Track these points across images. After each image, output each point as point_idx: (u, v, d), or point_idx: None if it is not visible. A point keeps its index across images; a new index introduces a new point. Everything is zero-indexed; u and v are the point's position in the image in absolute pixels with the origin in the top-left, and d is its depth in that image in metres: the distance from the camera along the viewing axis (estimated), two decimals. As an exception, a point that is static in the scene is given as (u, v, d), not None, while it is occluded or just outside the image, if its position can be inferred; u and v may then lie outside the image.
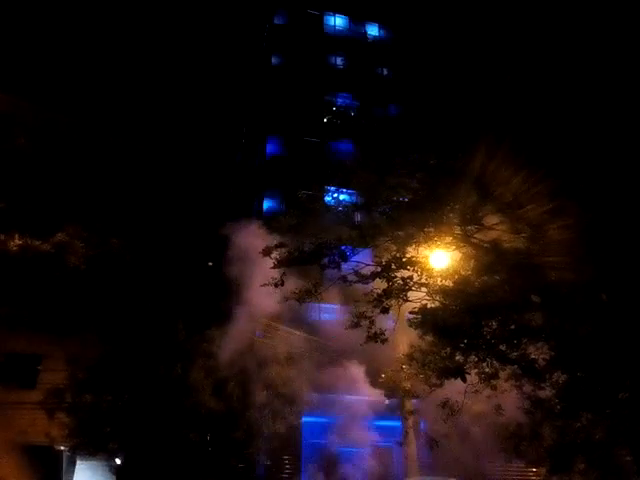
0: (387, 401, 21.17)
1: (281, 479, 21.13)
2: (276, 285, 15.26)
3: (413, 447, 18.67)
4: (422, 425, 19.45)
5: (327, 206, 15.62)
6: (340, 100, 31.65)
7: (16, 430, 16.09)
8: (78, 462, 18.20)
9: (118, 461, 17.59)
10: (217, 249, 35.91)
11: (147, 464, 16.16)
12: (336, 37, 34.11)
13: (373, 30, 35.66)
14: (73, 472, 18.02)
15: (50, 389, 16.44)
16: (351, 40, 34.20)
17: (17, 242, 15.06)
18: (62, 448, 17.73)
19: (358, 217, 15.02)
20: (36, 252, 15.15)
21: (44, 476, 17.27)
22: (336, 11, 35.26)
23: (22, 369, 18.01)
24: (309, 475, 22.81)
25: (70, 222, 16.67)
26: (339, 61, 33.23)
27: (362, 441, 25.23)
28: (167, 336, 16.63)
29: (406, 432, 19.02)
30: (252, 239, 27.66)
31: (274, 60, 32.68)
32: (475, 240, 14.20)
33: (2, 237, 14.70)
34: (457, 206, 13.73)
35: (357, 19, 35.47)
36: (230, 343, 17.54)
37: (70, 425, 16.08)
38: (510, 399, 14.59)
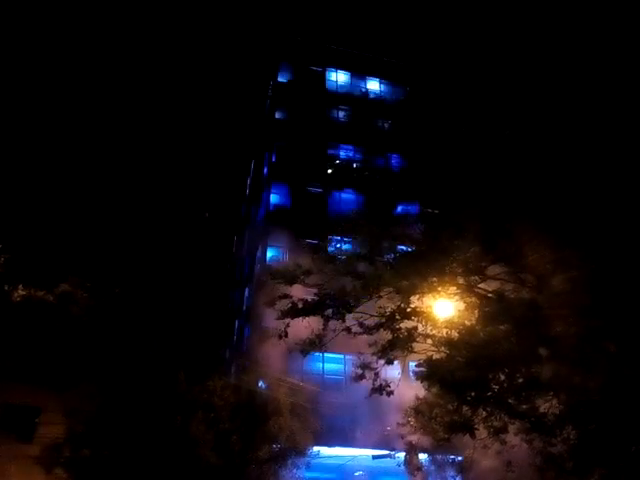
0: (393, 455, 20.55)
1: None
2: (280, 336, 15.17)
3: (420, 505, 17.97)
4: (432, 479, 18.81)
5: (330, 256, 15.67)
6: (343, 152, 32.28)
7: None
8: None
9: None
10: (220, 298, 35.75)
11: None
12: (338, 92, 35.16)
13: (374, 85, 36.78)
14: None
15: (48, 443, 16.08)
16: (352, 95, 35.22)
17: (21, 293, 15.08)
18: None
19: (361, 267, 15.05)
20: (39, 302, 15.14)
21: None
22: (338, 67, 36.48)
23: (20, 421, 17.66)
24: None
25: (73, 273, 16.73)
26: (341, 115, 34.10)
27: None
28: (168, 387, 16.38)
29: (413, 489, 18.36)
30: (256, 290, 27.66)
31: (278, 114, 33.56)
32: (479, 290, 14.18)
33: (6, 287, 14.73)
34: (460, 256, 13.80)
35: (358, 74, 36.67)
36: (232, 395, 17.26)
37: (69, 477, 15.65)
38: (520, 455, 14.17)
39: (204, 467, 15.47)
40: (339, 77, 36.26)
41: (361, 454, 22.83)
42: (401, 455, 19.09)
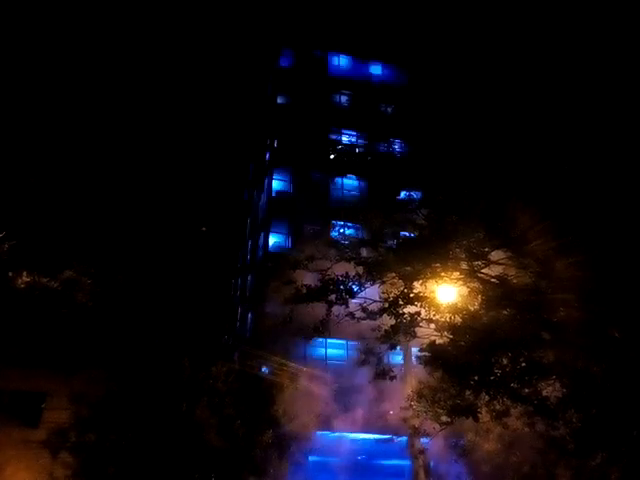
0: (396, 439, 20.71)
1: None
2: (284, 322, 15.24)
3: (423, 488, 18.14)
4: (432, 464, 18.97)
5: (333, 242, 15.67)
6: (345, 137, 32.13)
7: (19, 469, 15.80)
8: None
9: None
10: (223, 284, 35.85)
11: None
12: (340, 76, 34.87)
13: (377, 69, 36.46)
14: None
15: (54, 428, 16.24)
16: (355, 79, 34.95)
17: (25, 279, 15.13)
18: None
19: (364, 253, 15.05)
20: (44, 289, 15.20)
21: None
22: (340, 51, 36.16)
23: (26, 407, 17.79)
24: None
25: (78, 259, 16.76)
26: (344, 99, 33.86)
27: (371, 481, 24.65)
28: (172, 373, 16.49)
29: (416, 472, 18.53)
30: (259, 277, 27.70)
31: (279, 100, 33.35)
32: (482, 275, 14.18)
33: (10, 274, 14.78)
34: (464, 242, 13.77)
35: (361, 58, 36.35)
36: (235, 381, 17.37)
37: (74, 465, 15.80)
38: (522, 438, 14.28)
39: (209, 451, 15.63)
40: (341, 61, 35.95)
41: (364, 438, 23.02)
42: (403, 439, 19.27)
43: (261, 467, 16.81)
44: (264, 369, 19.88)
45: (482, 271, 13.91)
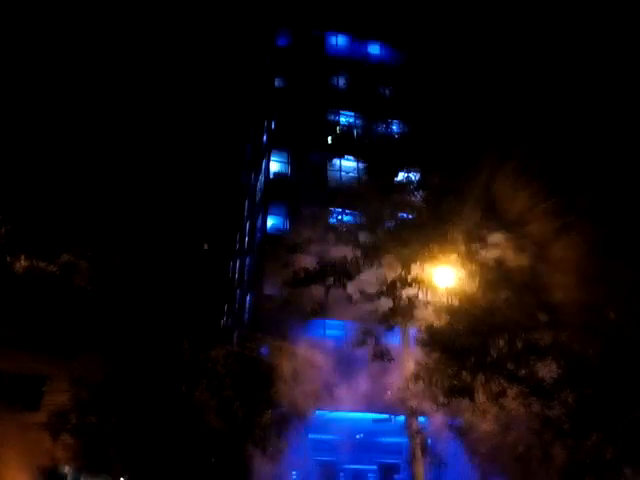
0: (393, 419, 20.95)
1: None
2: (282, 304, 15.30)
3: (420, 465, 18.37)
4: (429, 443, 19.19)
5: (331, 225, 15.65)
6: (343, 118, 31.86)
7: (20, 451, 15.96)
8: (84, 478, 18.02)
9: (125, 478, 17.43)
10: (222, 268, 35.90)
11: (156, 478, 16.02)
12: (338, 57, 34.44)
13: (375, 49, 36.01)
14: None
15: (54, 410, 16.36)
16: (353, 59, 34.54)
17: (23, 264, 15.11)
18: (67, 469, 17.59)
19: (362, 235, 15.04)
20: (42, 273, 15.19)
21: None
22: (338, 30, 35.66)
23: (26, 390, 17.91)
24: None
25: (75, 243, 16.71)
26: (341, 80, 33.50)
27: (369, 459, 24.99)
28: (172, 356, 16.57)
29: (413, 451, 18.75)
30: (257, 259, 27.70)
31: (277, 81, 33.01)
32: (480, 258, 14.21)
33: (8, 259, 14.76)
34: (461, 224, 13.78)
35: (359, 38, 35.86)
36: (234, 363, 17.47)
37: (74, 446, 15.96)
38: (519, 419, 14.43)
39: (209, 432, 15.78)
40: (339, 41, 35.49)
41: (362, 417, 23.27)
42: (401, 418, 19.45)
43: (260, 447, 16.99)
44: (263, 351, 19.98)
45: (480, 254, 13.93)
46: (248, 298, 28.39)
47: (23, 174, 14.92)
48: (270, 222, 28.30)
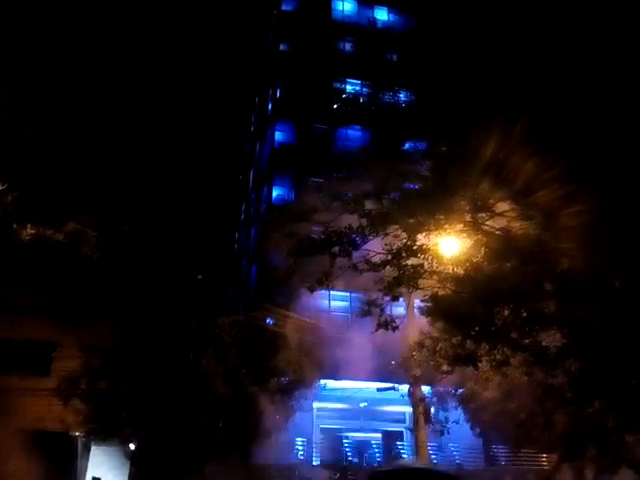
0: (397, 388, 21.21)
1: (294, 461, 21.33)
2: (287, 274, 15.34)
3: (423, 433, 18.69)
4: (433, 411, 19.48)
5: (337, 194, 15.57)
6: (349, 86, 31.41)
7: (31, 417, 16.29)
8: (93, 448, 18.44)
9: (132, 446, 17.83)
10: (227, 238, 35.97)
11: (161, 448, 16.38)
12: (344, 22, 33.72)
13: (382, 14, 35.19)
14: (88, 457, 18.29)
15: (65, 376, 16.64)
16: (360, 25, 33.83)
17: (29, 232, 15.15)
18: (77, 434, 17.97)
19: (368, 205, 14.97)
20: (49, 242, 15.25)
21: (59, 462, 17.52)
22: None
23: (36, 356, 18.20)
24: (321, 458, 23.06)
25: (81, 211, 16.71)
26: (348, 47, 32.89)
27: (373, 427, 25.45)
28: (179, 324, 16.76)
29: (417, 418, 19.05)
30: (263, 229, 27.73)
31: (282, 47, 32.44)
32: (486, 227, 14.15)
33: (15, 226, 14.79)
34: (468, 193, 13.68)
35: (366, 3, 35.00)
36: (240, 332, 17.66)
37: (85, 411, 16.29)
38: (522, 387, 14.58)
39: (216, 398, 16.06)
40: (345, 5, 34.65)
41: (366, 386, 23.58)
42: (404, 387, 19.71)
43: (266, 414, 17.29)
44: (268, 320, 20.16)
45: (486, 223, 13.87)
46: (254, 268, 28.53)
47: (28, 142, 14.83)
48: (275, 192, 28.23)
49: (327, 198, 15.23)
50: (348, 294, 24.47)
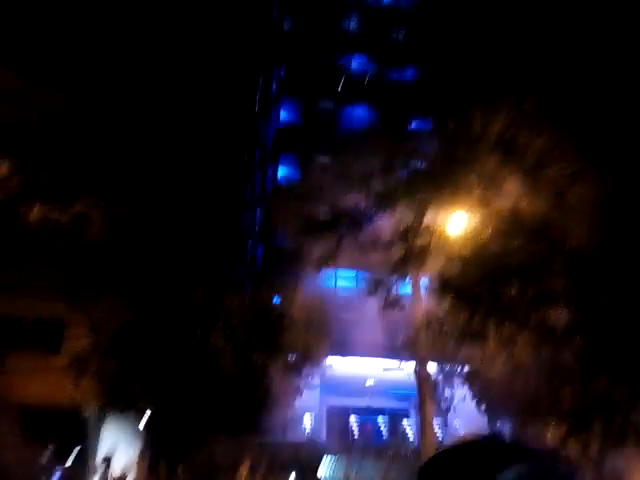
0: (403, 366, 21.34)
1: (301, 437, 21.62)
2: (294, 254, 15.35)
3: (429, 411, 18.84)
4: (438, 389, 19.62)
5: (343, 173, 15.49)
6: (355, 64, 31.02)
7: (42, 395, 16.51)
8: (104, 426, 18.66)
9: (144, 420, 18.03)
10: (233, 217, 35.96)
11: (171, 424, 16.59)
12: (350, -1, 33.21)
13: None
14: (98, 437, 18.52)
15: (75, 354, 16.80)
16: (365, 1, 33.28)
17: (37, 213, 15.20)
18: (88, 412, 18.18)
19: (375, 184, 14.90)
20: (55, 224, 15.30)
21: (71, 435, 17.80)
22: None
23: (47, 335, 18.36)
24: (328, 433, 23.34)
25: (87, 192, 16.71)
26: (353, 23, 32.41)
27: (379, 405, 25.69)
28: (186, 303, 16.84)
29: (422, 397, 19.19)
30: (268, 210, 27.69)
31: (286, 24, 32.00)
32: (494, 205, 14.07)
33: (21, 209, 14.84)
34: (476, 171, 13.58)
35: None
36: (247, 311, 17.75)
37: (96, 389, 16.47)
38: (528, 364, 14.63)
39: (224, 377, 16.21)
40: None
41: (372, 365, 23.76)
42: (410, 366, 19.84)
43: (273, 391, 17.46)
44: (275, 300, 20.22)
45: (494, 201, 13.79)
46: (260, 248, 28.57)
47: (35, 122, 14.78)
48: (281, 172, 28.12)
49: (333, 177, 15.16)
50: (355, 273, 24.52)
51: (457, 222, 14.09)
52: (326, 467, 19.27)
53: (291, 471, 6.92)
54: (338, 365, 23.47)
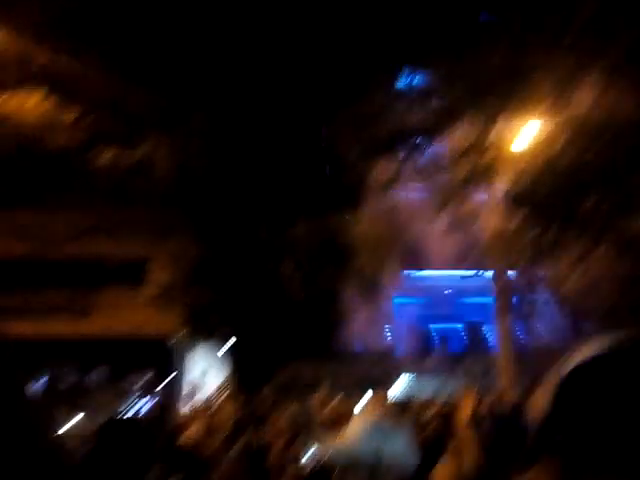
0: (481, 275, 21.08)
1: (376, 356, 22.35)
2: (355, 176, 15.08)
3: (506, 322, 18.70)
4: (515, 300, 19.33)
5: (402, 92, 14.66)
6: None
7: (130, 326, 17.71)
8: (191, 350, 19.87)
9: (227, 347, 19.28)
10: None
11: (255, 348, 17.66)
12: None
13: None
14: (187, 359, 19.83)
15: (158, 286, 17.88)
16: None
17: (107, 156, 15.73)
18: (175, 337, 19.40)
19: (435, 102, 14.04)
20: (124, 167, 15.79)
21: (160, 364, 19.31)
22: None
23: (130, 270, 19.41)
24: (403, 351, 23.96)
25: (154, 130, 16.91)
26: None
27: (455, 318, 25.80)
28: (253, 235, 17.20)
29: (499, 307, 19.04)
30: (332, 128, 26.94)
31: None
32: (569, 110, 12.86)
33: (88, 153, 15.37)
34: (548, 76, 12.32)
35: None
36: (315, 237, 17.89)
37: (180, 317, 17.63)
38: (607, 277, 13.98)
39: (298, 303, 16.81)
40: None
41: (449, 275, 23.61)
42: (488, 275, 19.54)
43: (346, 313, 17.95)
44: (344, 221, 20.17)
45: (568, 108, 12.59)
46: (326, 170, 28.17)
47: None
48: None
49: (391, 96, 14.39)
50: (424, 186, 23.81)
51: (527, 132, 13.16)
52: (404, 384, 19.85)
53: (367, 388, 7.19)
54: (414, 277, 23.49)
